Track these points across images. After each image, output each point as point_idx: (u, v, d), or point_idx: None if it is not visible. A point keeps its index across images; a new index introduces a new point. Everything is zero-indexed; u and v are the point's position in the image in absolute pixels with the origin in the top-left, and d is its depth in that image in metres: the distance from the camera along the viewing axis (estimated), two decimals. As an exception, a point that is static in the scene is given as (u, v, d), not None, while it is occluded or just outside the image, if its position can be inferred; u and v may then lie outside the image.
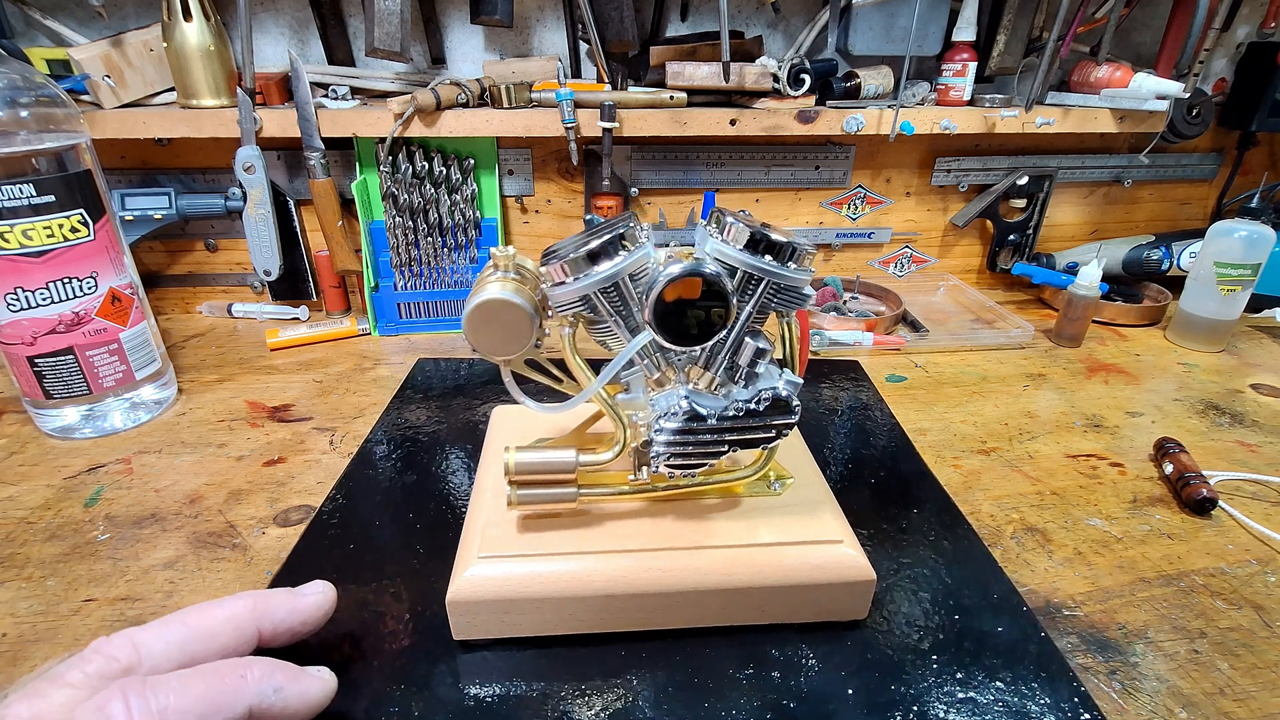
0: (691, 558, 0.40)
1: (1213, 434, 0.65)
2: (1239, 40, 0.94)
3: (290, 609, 0.36)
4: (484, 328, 0.38)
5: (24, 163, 0.53)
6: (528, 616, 0.39)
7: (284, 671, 0.32)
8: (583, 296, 0.37)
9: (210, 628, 0.33)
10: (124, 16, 0.79)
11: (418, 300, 0.83)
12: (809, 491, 0.46)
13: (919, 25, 0.80)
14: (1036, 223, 0.96)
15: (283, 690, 0.31)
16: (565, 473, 0.41)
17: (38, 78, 0.55)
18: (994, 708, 0.37)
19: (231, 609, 0.34)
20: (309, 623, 0.36)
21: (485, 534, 0.41)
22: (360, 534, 0.49)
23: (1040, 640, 0.41)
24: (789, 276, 0.37)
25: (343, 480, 0.55)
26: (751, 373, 0.39)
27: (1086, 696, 0.38)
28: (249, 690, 0.30)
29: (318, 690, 0.33)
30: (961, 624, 0.42)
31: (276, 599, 0.36)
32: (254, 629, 0.34)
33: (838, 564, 0.40)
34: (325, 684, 0.33)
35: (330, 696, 0.33)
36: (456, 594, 0.38)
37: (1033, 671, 0.39)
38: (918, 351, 0.81)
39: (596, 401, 0.40)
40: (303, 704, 0.32)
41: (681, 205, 0.91)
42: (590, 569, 0.39)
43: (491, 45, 0.85)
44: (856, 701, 0.37)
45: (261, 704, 0.30)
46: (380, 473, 0.56)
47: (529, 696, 0.37)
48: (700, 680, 0.38)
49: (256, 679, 0.31)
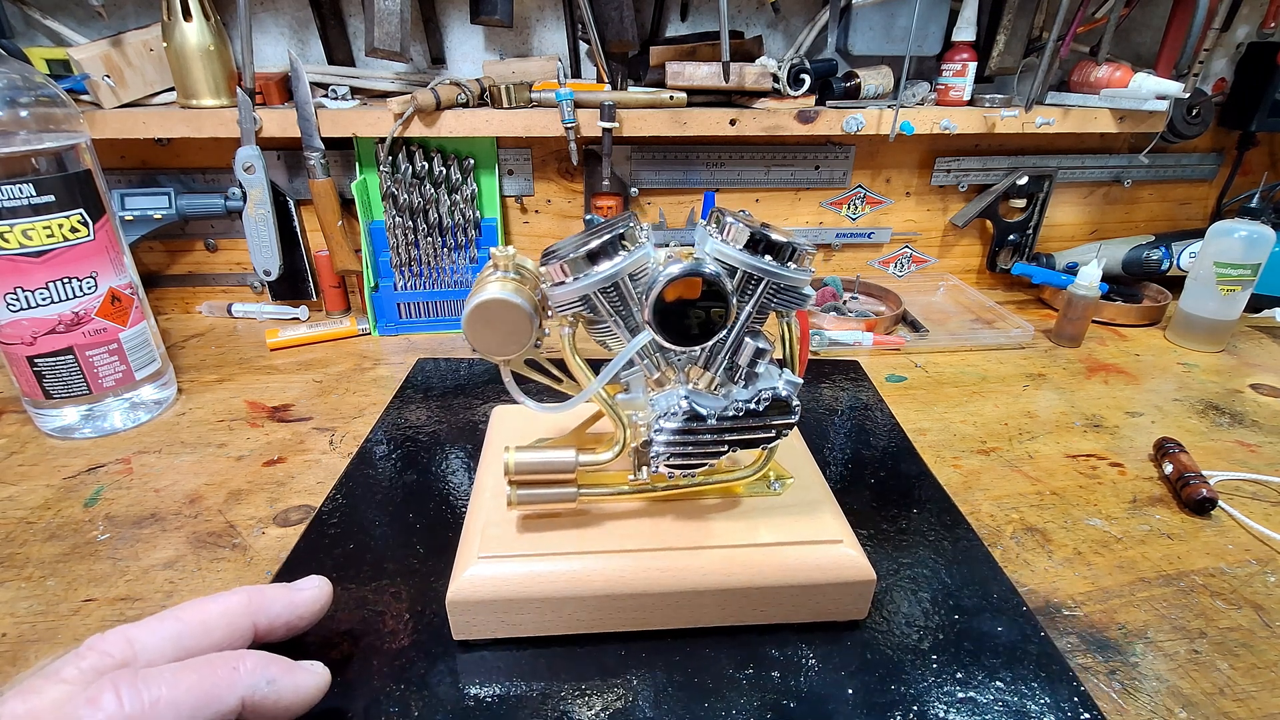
0: (691, 558, 0.40)
1: (1213, 434, 0.65)
2: (1239, 40, 0.94)
3: (286, 603, 0.36)
4: (484, 328, 0.38)
5: (24, 163, 0.53)
6: (527, 616, 0.39)
7: (277, 664, 0.32)
8: (582, 296, 0.37)
9: (205, 622, 0.33)
10: (124, 16, 0.79)
11: (418, 300, 0.83)
12: (809, 492, 0.46)
13: (919, 25, 0.80)
14: (1036, 223, 0.96)
15: (276, 683, 0.31)
16: (565, 472, 0.41)
17: (38, 78, 0.55)
18: (994, 707, 0.37)
19: (227, 604, 0.34)
20: (305, 617, 0.37)
21: (485, 534, 0.41)
22: (360, 534, 0.49)
23: (1040, 640, 0.41)
24: (789, 276, 0.38)
25: (342, 480, 0.55)
26: (751, 373, 0.39)
27: (1086, 696, 0.38)
28: (241, 682, 0.30)
29: (311, 683, 0.33)
30: (961, 624, 0.42)
31: (272, 594, 0.36)
32: (249, 624, 0.34)
33: (837, 564, 0.40)
34: (318, 677, 0.33)
35: (323, 690, 0.33)
36: (456, 594, 0.38)
37: (1032, 671, 0.39)
38: (918, 351, 0.81)
39: (596, 401, 0.40)
40: (296, 697, 0.32)
41: (681, 205, 0.91)
42: (590, 569, 0.39)
43: (491, 45, 0.85)
44: (856, 702, 0.37)
45: (254, 696, 0.30)
46: (380, 472, 0.56)
47: (529, 696, 0.37)
48: (700, 680, 0.38)
49: (249, 671, 0.31)
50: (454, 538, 0.43)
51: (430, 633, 0.41)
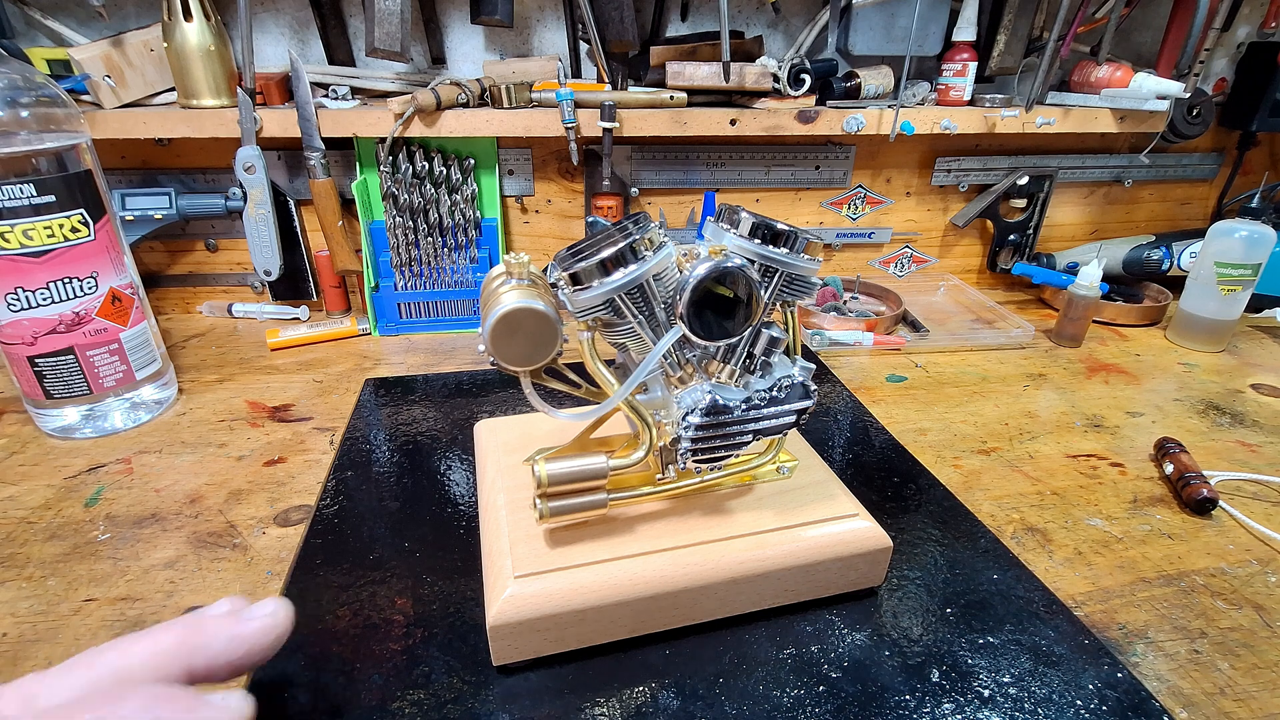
0: (724, 549, 0.41)
1: (1213, 434, 0.65)
2: (1239, 40, 0.94)
3: (230, 637, 0.30)
4: (509, 339, 0.37)
5: (24, 163, 0.53)
6: (572, 630, 0.38)
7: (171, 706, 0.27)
8: (606, 300, 0.37)
9: (122, 670, 0.28)
10: (124, 16, 0.79)
11: (418, 300, 0.83)
12: (812, 473, 0.47)
13: (919, 25, 0.80)
14: (1037, 223, 0.96)
15: None
16: (597, 479, 0.40)
17: (38, 78, 0.55)
18: (1009, 647, 0.41)
19: (155, 645, 0.29)
20: (255, 652, 0.31)
21: (515, 553, 0.40)
22: (360, 533, 0.49)
23: (1034, 586, 0.46)
24: (801, 266, 0.39)
25: (342, 480, 0.55)
26: (767, 362, 0.40)
27: (1085, 629, 0.42)
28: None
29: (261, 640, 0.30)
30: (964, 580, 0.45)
31: (213, 628, 0.30)
32: (181, 668, 0.29)
33: (856, 536, 0.42)
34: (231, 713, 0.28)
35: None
36: (498, 618, 0.37)
37: (1033, 612, 0.44)
38: (918, 351, 0.81)
39: (620, 403, 0.40)
40: None
41: (681, 205, 0.91)
42: (632, 572, 0.39)
43: (491, 45, 0.85)
44: (895, 665, 0.39)
45: None
46: (380, 472, 0.56)
47: (588, 711, 0.37)
48: (748, 667, 0.40)
49: None
50: (454, 536, 0.43)
51: (429, 631, 0.41)
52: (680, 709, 0.37)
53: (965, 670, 0.39)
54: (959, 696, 0.38)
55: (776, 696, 0.38)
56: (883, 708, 0.37)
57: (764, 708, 0.37)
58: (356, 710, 0.36)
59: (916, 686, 0.38)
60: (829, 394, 0.70)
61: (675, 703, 0.37)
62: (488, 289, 0.40)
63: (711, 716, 0.36)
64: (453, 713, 0.36)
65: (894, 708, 0.37)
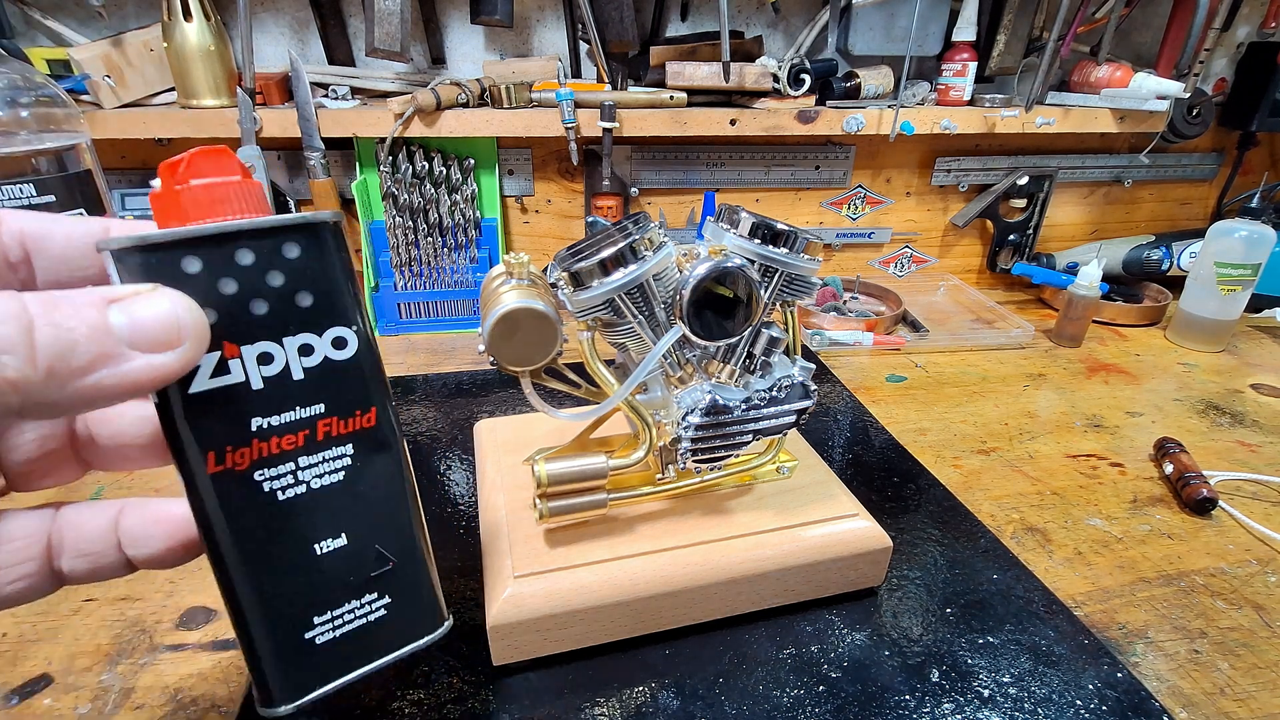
0: (724, 549, 0.41)
1: (1213, 434, 0.65)
2: (1239, 40, 0.94)
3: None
4: (509, 339, 0.36)
5: (24, 163, 0.53)
6: (571, 630, 0.38)
7: None
8: (606, 300, 0.37)
9: None
10: (124, 16, 0.79)
11: (418, 300, 0.83)
12: (812, 472, 0.47)
13: (919, 25, 0.80)
14: (1036, 223, 0.96)
15: None
16: (597, 479, 0.40)
17: (38, 78, 0.55)
18: (1009, 647, 0.41)
19: None
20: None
21: (515, 553, 0.40)
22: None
23: (1029, 581, 0.46)
24: (800, 266, 0.39)
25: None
26: (767, 362, 0.40)
27: (1084, 627, 0.42)
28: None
29: None
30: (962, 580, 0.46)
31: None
32: None
33: (856, 536, 0.42)
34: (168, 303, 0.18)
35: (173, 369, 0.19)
36: (498, 617, 0.37)
37: (1032, 611, 0.44)
38: (918, 351, 0.81)
39: (620, 403, 0.40)
40: None
41: (681, 205, 0.91)
42: (632, 572, 0.39)
43: (491, 45, 0.85)
44: (895, 665, 0.39)
45: None
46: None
47: (587, 711, 0.37)
48: (748, 666, 0.39)
49: None
50: (454, 533, 0.43)
51: (463, 659, 0.40)
52: (680, 709, 0.37)
53: (965, 670, 0.39)
54: (959, 696, 0.38)
55: (776, 696, 0.38)
56: (883, 707, 0.37)
57: (764, 708, 0.37)
58: (357, 710, 0.36)
59: (916, 686, 0.38)
60: (829, 394, 0.70)
61: (675, 703, 0.37)
62: (487, 289, 0.40)
63: (711, 716, 0.36)
64: (453, 713, 0.36)
65: (894, 708, 0.37)
